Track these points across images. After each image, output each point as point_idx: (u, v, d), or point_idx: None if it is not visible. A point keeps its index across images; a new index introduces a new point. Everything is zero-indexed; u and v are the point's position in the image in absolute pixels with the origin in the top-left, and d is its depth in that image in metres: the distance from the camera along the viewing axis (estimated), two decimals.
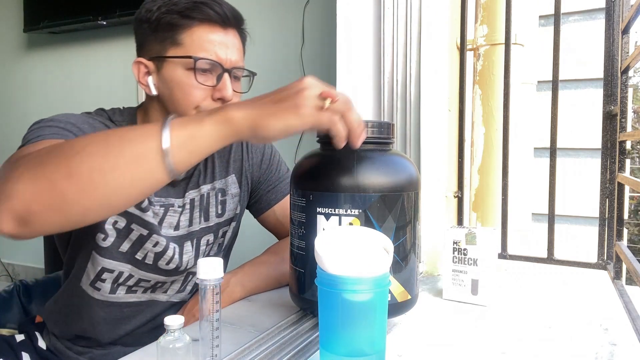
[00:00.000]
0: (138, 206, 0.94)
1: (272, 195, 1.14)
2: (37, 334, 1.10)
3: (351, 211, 0.73)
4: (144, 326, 1.05)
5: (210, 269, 0.64)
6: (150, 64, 0.92)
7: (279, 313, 0.88)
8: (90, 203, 0.62)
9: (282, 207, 1.14)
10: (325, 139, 0.79)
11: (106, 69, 2.74)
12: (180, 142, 0.62)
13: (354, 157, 0.76)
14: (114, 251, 0.96)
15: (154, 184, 0.64)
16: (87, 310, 1.02)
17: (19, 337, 1.09)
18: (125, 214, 0.94)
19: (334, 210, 0.74)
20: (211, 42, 0.89)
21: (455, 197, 1.25)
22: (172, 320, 0.61)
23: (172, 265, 1.00)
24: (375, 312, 0.60)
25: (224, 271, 1.05)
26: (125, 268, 0.98)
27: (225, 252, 1.14)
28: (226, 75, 0.90)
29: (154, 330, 1.06)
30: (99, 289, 1.00)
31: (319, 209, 0.76)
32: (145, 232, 0.96)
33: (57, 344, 1.07)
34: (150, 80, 0.92)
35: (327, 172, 0.76)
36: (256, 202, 1.15)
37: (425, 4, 1.17)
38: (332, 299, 0.60)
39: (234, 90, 0.93)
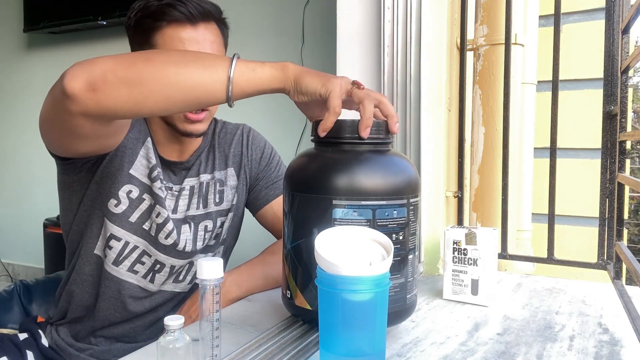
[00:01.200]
0: (149, 176, 1.00)
1: (270, 192, 1.17)
2: (40, 332, 1.11)
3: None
4: (143, 317, 1.06)
5: (210, 269, 0.64)
6: None
7: (279, 313, 0.88)
8: (158, 87, 0.72)
9: (280, 204, 1.15)
10: (320, 138, 0.78)
11: None
12: (242, 70, 0.74)
13: (350, 158, 0.74)
14: (124, 220, 1.01)
15: (212, 96, 0.75)
16: (91, 283, 1.05)
17: (22, 336, 1.10)
18: (139, 184, 1.00)
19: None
20: (181, 40, 0.93)
21: (455, 197, 1.25)
22: (172, 320, 0.61)
23: (169, 240, 1.03)
24: (375, 312, 0.60)
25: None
26: (132, 239, 1.02)
27: (224, 250, 1.15)
28: None
29: (153, 325, 1.07)
30: (105, 256, 1.03)
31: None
32: (152, 201, 1.01)
33: (59, 342, 1.08)
34: None
35: (320, 174, 0.74)
36: (255, 198, 1.17)
37: (425, 4, 1.17)
38: (332, 299, 0.60)
39: None
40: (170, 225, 1.03)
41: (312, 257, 0.66)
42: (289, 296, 0.78)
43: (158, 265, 1.05)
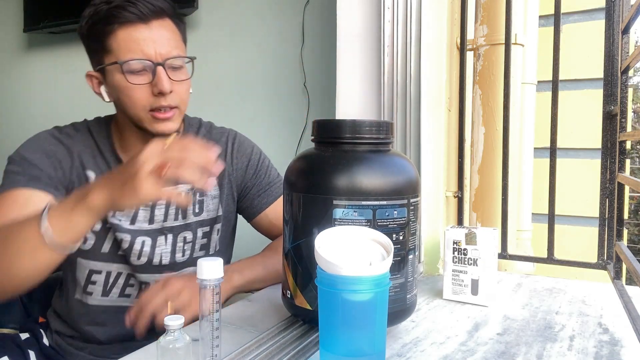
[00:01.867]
0: None
1: (263, 199, 1.15)
2: (42, 331, 1.11)
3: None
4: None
5: (210, 269, 0.64)
6: (98, 74, 0.98)
7: (279, 313, 0.88)
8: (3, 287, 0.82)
9: (274, 210, 1.15)
10: (320, 138, 0.78)
11: None
12: (60, 231, 0.77)
13: (350, 158, 0.74)
14: (97, 252, 1.00)
15: (46, 267, 0.81)
16: (85, 317, 1.05)
17: (24, 336, 1.11)
18: None
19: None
20: (135, 41, 0.91)
21: (455, 197, 1.25)
22: (172, 320, 0.61)
23: (143, 259, 1.02)
24: (375, 312, 0.60)
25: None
26: (112, 267, 1.02)
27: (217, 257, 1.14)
28: (159, 69, 0.91)
29: (153, 330, 1.06)
30: (91, 293, 1.03)
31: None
32: (114, 229, 1.00)
33: (59, 341, 1.09)
34: (103, 89, 0.98)
35: (321, 174, 0.74)
36: (248, 206, 1.15)
37: (425, 4, 1.17)
38: (332, 299, 0.60)
39: (175, 80, 0.94)
40: (137, 246, 1.01)
41: (312, 257, 0.66)
42: (289, 296, 0.78)
43: (144, 285, 1.04)
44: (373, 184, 0.72)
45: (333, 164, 0.73)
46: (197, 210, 1.07)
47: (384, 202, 0.72)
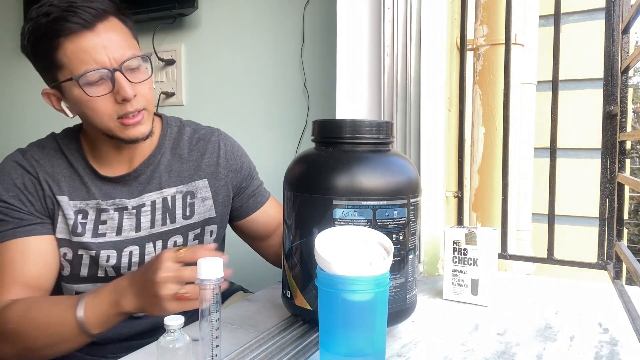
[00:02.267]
0: (74, 232, 0.96)
1: (257, 199, 1.16)
2: None
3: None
4: (141, 319, 1.06)
5: (210, 269, 0.64)
6: (54, 91, 0.94)
7: (279, 313, 0.88)
8: (48, 358, 0.89)
9: (270, 205, 1.18)
10: (320, 138, 0.78)
11: None
12: (93, 325, 0.83)
13: (350, 158, 0.74)
14: (76, 277, 1.00)
15: (79, 344, 0.87)
16: None
17: None
18: (68, 243, 0.97)
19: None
20: (85, 51, 0.86)
21: (455, 197, 1.25)
22: (172, 320, 0.61)
23: (134, 268, 1.01)
24: (375, 312, 0.60)
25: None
26: (97, 286, 1.00)
27: None
28: (117, 75, 0.87)
29: (153, 324, 1.06)
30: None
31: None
32: (92, 253, 0.98)
33: None
34: (64, 105, 0.95)
35: (320, 174, 0.74)
36: (241, 206, 1.15)
37: (425, 4, 1.17)
38: (332, 299, 0.60)
39: (136, 82, 0.90)
40: (126, 259, 1.00)
41: (312, 257, 0.66)
42: (288, 296, 0.78)
43: None
44: (373, 184, 0.72)
45: (333, 164, 0.73)
46: (187, 214, 1.05)
47: (384, 202, 0.72)
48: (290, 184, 0.78)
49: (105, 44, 0.87)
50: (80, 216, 0.97)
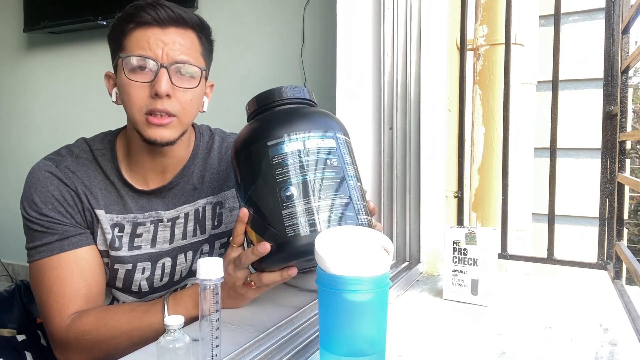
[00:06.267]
0: (112, 247, 0.96)
1: None
2: (39, 332, 1.11)
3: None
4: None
5: (210, 269, 0.64)
6: (113, 75, 0.96)
7: (278, 313, 0.88)
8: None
9: None
10: (250, 113, 0.88)
11: (106, 68, 2.74)
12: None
13: (279, 112, 0.84)
14: (111, 285, 1.01)
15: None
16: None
17: (21, 337, 1.10)
18: (106, 255, 0.97)
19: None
20: (147, 41, 0.89)
21: (455, 197, 1.25)
22: (172, 320, 0.61)
23: (165, 279, 1.03)
24: (375, 312, 0.60)
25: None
26: (128, 299, 1.03)
27: None
28: (163, 70, 0.88)
29: None
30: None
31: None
32: (129, 266, 0.99)
33: None
34: (114, 90, 0.96)
35: (255, 129, 0.83)
36: None
37: (425, 4, 1.17)
38: (332, 299, 0.60)
39: (179, 86, 0.90)
40: (159, 271, 1.01)
41: (263, 200, 0.78)
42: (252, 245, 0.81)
43: (166, 292, 1.05)
44: (301, 122, 0.81)
45: (265, 119, 0.83)
46: (215, 224, 1.06)
47: (312, 134, 0.79)
48: (235, 150, 0.85)
49: (166, 41, 0.90)
50: (116, 230, 0.97)
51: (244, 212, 0.80)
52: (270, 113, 0.85)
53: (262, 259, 0.79)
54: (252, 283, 0.84)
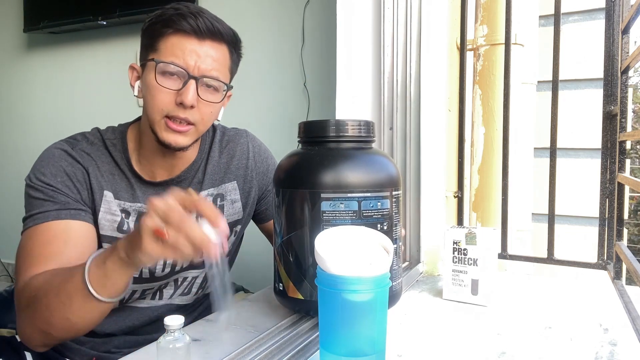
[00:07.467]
0: (120, 229, 0.97)
1: None
2: None
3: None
4: (147, 325, 1.06)
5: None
6: (139, 68, 0.97)
7: (279, 313, 0.88)
8: (66, 334, 0.85)
9: None
10: (306, 138, 0.83)
11: (106, 68, 2.74)
12: (100, 284, 0.79)
13: (335, 155, 0.79)
14: None
15: (100, 315, 0.83)
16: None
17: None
18: (113, 240, 0.96)
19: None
20: (182, 49, 0.90)
21: (455, 197, 1.25)
22: (172, 320, 0.61)
23: (167, 270, 1.02)
24: (375, 312, 0.60)
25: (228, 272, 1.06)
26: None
27: (229, 261, 1.15)
28: (192, 81, 0.90)
29: (155, 320, 1.06)
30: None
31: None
32: None
33: None
34: (137, 83, 0.97)
35: (308, 170, 0.78)
36: (267, 209, 1.17)
37: (425, 4, 1.17)
38: (332, 299, 0.60)
39: (204, 99, 0.92)
40: (160, 265, 1.00)
41: (303, 250, 0.73)
42: (281, 288, 0.81)
43: (163, 285, 1.05)
44: (358, 178, 0.76)
45: (320, 160, 0.78)
46: None
47: (368, 194, 0.76)
48: (280, 181, 0.82)
49: (200, 53, 0.91)
50: (123, 215, 0.99)
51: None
52: (328, 151, 0.80)
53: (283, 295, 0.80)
54: (166, 236, 0.70)
